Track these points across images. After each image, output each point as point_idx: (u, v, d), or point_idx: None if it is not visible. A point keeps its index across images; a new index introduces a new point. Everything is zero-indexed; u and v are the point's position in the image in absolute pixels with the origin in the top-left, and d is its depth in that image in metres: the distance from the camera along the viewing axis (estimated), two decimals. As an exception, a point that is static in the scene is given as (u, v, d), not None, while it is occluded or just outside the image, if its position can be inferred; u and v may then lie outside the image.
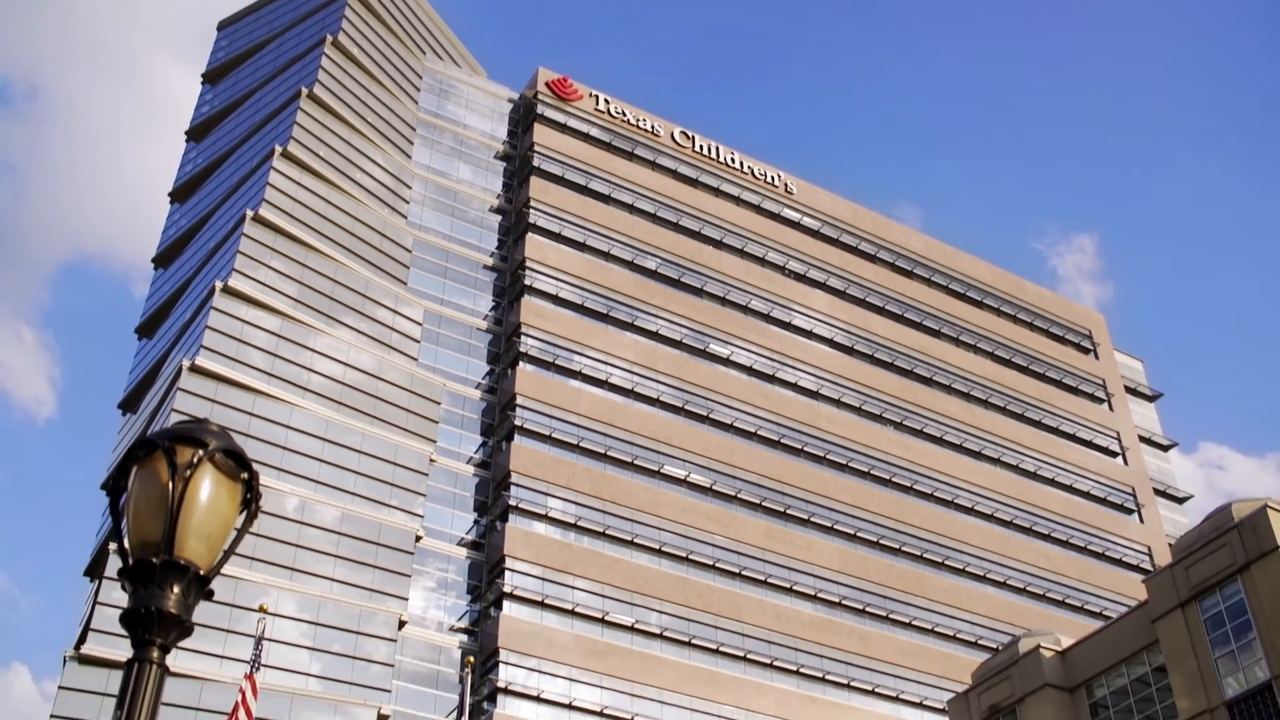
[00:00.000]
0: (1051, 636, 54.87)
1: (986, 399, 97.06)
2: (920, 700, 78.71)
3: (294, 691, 61.54)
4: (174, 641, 6.02)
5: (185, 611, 6.03)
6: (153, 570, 5.93)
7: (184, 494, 5.94)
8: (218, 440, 6.10)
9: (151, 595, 5.94)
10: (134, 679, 5.84)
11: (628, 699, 69.44)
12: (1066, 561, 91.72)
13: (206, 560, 6.15)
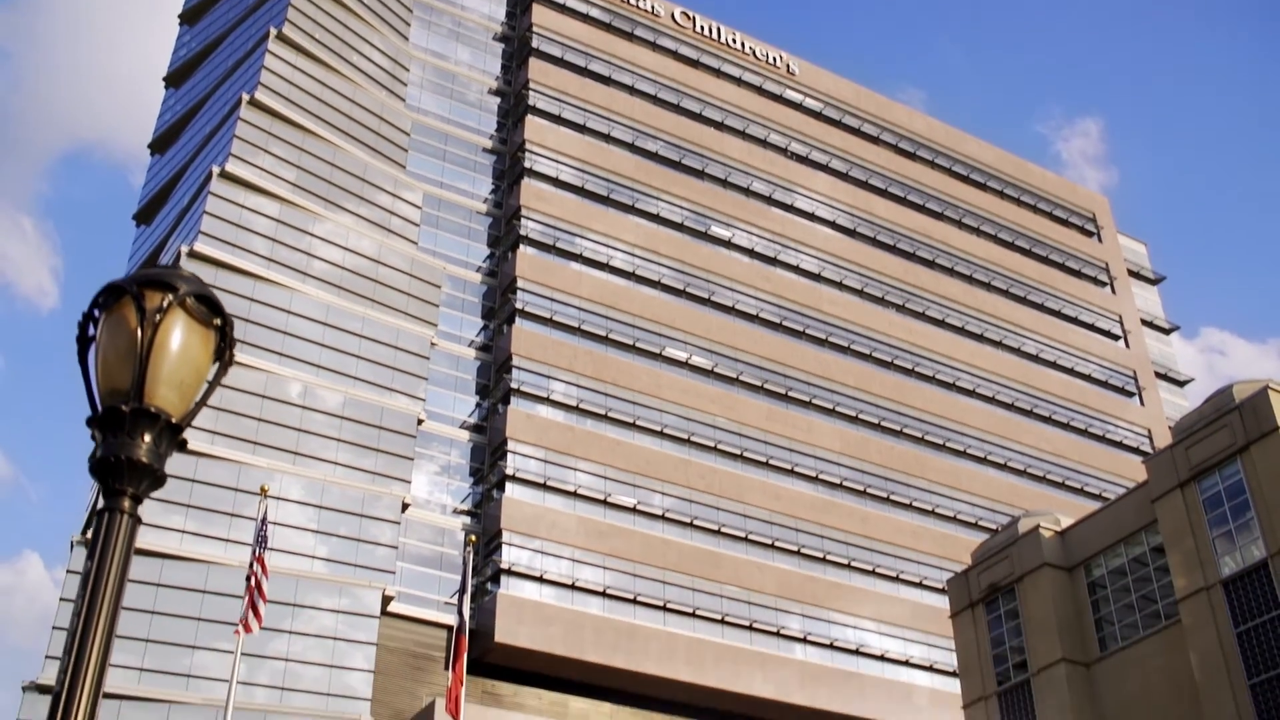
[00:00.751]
0: (1051, 517, 55.19)
1: (989, 282, 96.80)
2: (920, 580, 79.45)
3: (300, 574, 62.10)
4: (146, 491, 5.88)
5: (157, 460, 5.87)
6: (122, 418, 5.74)
7: (153, 340, 5.73)
8: (188, 285, 5.87)
9: (121, 444, 5.76)
10: (105, 529, 5.70)
11: (630, 579, 70.11)
12: (1067, 444, 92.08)
13: (179, 409, 5.97)
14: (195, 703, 56.42)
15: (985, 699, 52.55)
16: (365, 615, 62.47)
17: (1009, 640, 52.72)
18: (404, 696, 63.94)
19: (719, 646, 70.42)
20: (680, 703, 69.82)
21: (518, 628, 65.33)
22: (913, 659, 76.53)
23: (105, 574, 5.58)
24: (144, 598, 59.30)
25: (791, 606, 74.19)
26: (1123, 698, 48.34)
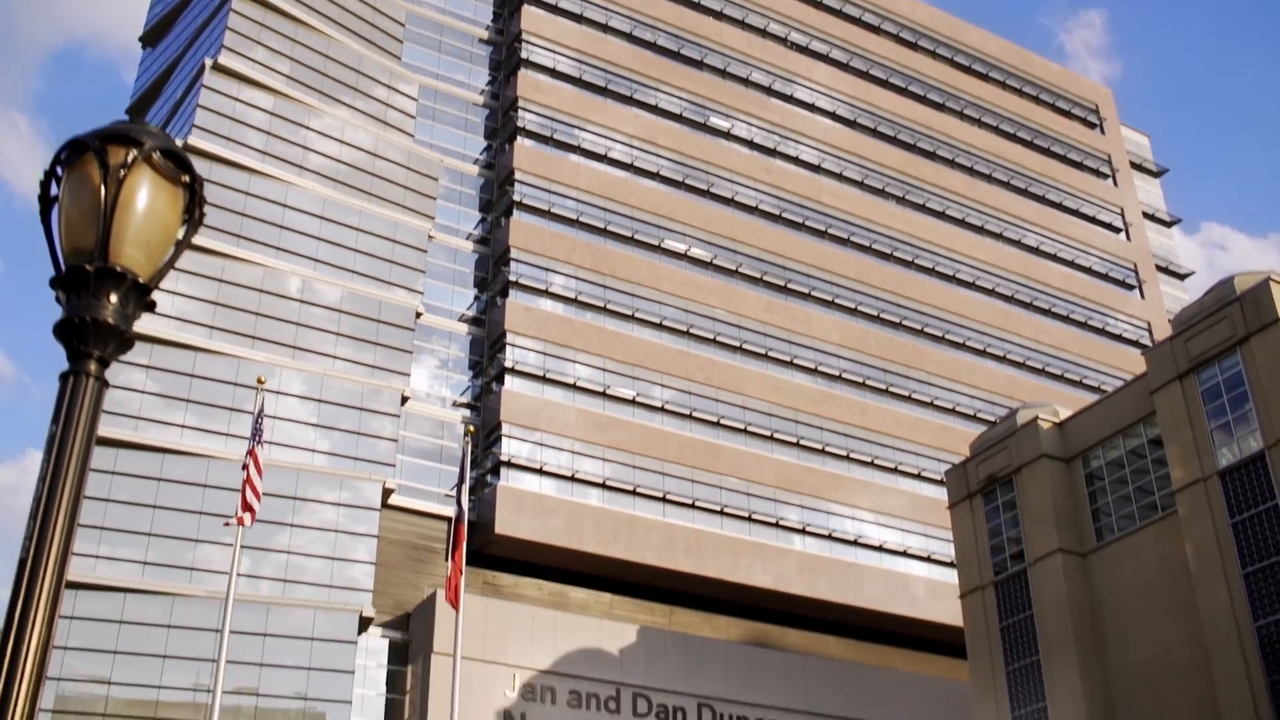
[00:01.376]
0: (1049, 409, 55.29)
1: (990, 174, 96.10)
2: (919, 472, 79.77)
3: (300, 467, 62.31)
4: (113, 354, 5.67)
5: (124, 322, 5.64)
6: (86, 278, 5.50)
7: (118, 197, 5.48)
8: (155, 140, 5.60)
9: (86, 304, 5.52)
10: (70, 392, 5.49)
11: (629, 471, 70.37)
12: (1066, 336, 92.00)
13: (146, 269, 5.74)
14: (199, 595, 56.86)
15: (982, 589, 53.00)
16: (366, 508, 62.79)
17: (1006, 531, 53.06)
18: (405, 588, 64.49)
19: (718, 537, 70.85)
20: (679, 593, 70.44)
21: (518, 519, 65.68)
22: (910, 550, 77.06)
23: (71, 439, 5.40)
24: (145, 492, 59.54)
25: (790, 498, 74.57)
26: (1118, 587, 48.74)
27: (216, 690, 26.07)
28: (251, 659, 57.55)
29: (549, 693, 62.63)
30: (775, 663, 69.35)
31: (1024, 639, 50.40)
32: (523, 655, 62.52)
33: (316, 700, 58.34)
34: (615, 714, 63.81)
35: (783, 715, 67.86)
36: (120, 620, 57.13)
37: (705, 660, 67.16)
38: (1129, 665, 47.41)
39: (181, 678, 55.58)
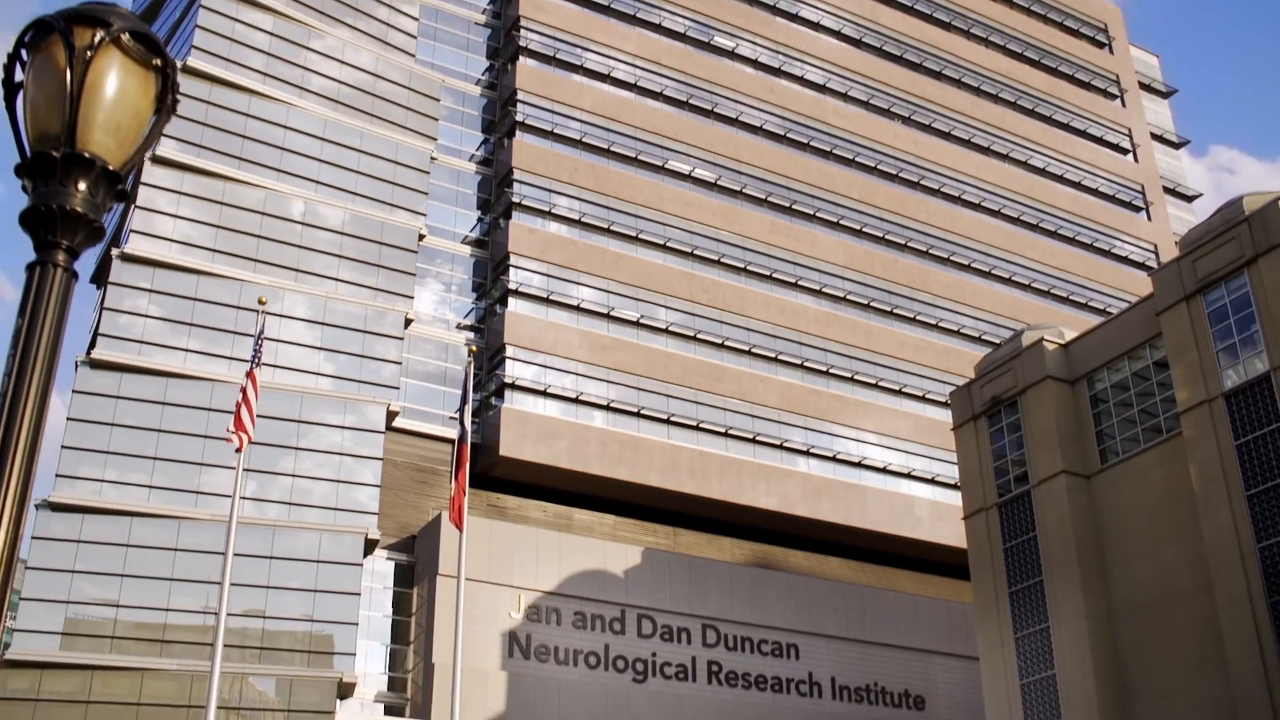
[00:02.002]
0: (1055, 330, 55.07)
1: (997, 94, 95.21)
2: (923, 394, 79.72)
3: (305, 391, 62.27)
4: (82, 245, 5.45)
5: (93, 210, 5.41)
6: (53, 164, 5.27)
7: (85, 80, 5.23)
8: (124, 21, 5.32)
9: (53, 192, 5.28)
10: (37, 284, 5.28)
11: (634, 393, 70.33)
12: (1072, 258, 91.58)
13: (116, 155, 5.50)
14: (205, 518, 57.03)
15: (986, 510, 53.08)
16: (370, 431, 62.82)
17: (1010, 452, 53.05)
18: (410, 510, 64.69)
19: (722, 459, 70.94)
20: (683, 514, 70.66)
21: (522, 442, 65.74)
22: (915, 472, 77.18)
23: (38, 333, 5.20)
24: (150, 416, 59.56)
25: (794, 420, 74.58)
26: (1121, 509, 48.77)
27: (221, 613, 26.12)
28: (258, 581, 57.84)
29: (554, 614, 63.00)
30: (779, 584, 69.69)
31: (1027, 560, 50.53)
32: (527, 577, 62.82)
33: (323, 622, 58.70)
34: (620, 635, 64.22)
35: (786, 636, 68.28)
36: (127, 544, 57.34)
37: (709, 581, 67.49)
38: (1131, 587, 47.55)
39: (189, 600, 55.88)
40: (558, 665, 62.26)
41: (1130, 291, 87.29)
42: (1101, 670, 46.68)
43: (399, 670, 61.90)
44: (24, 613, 57.31)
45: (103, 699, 55.10)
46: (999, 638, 50.62)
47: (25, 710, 54.75)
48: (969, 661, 66.20)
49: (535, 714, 60.49)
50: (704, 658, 65.94)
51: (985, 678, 51.59)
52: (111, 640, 56.29)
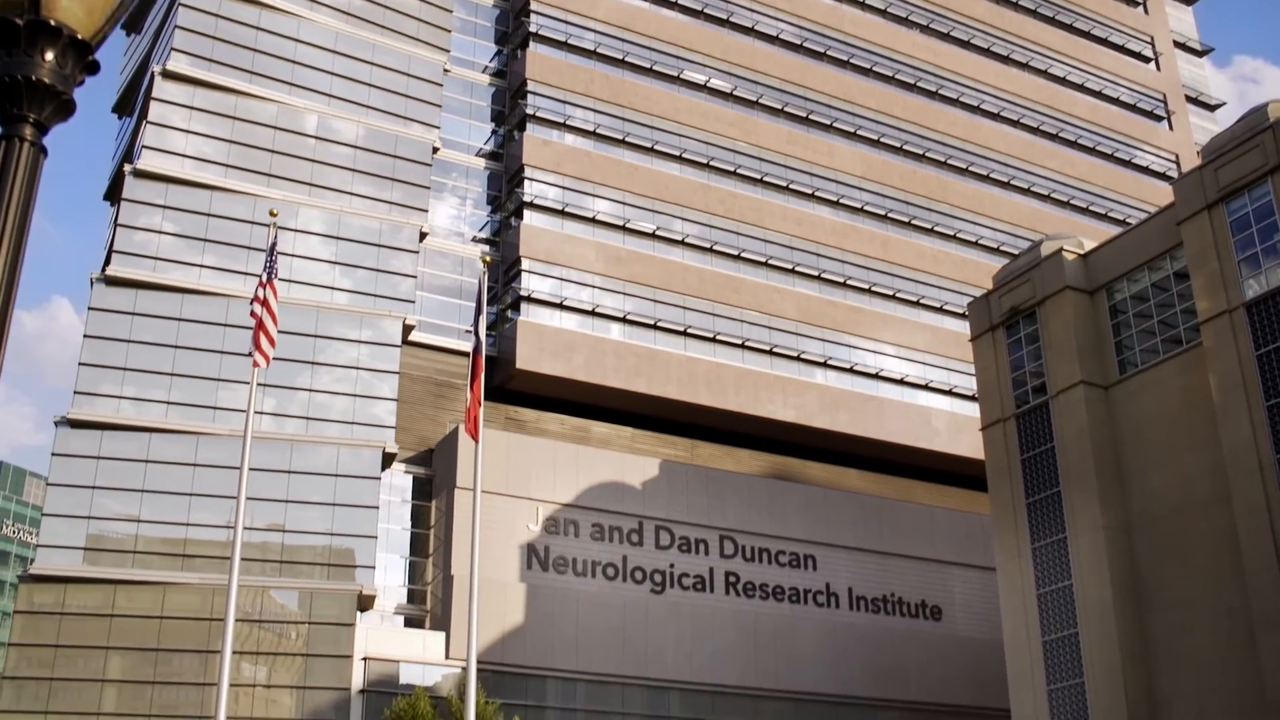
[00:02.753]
0: (1074, 240, 54.62)
1: (1016, 1, 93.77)
2: (941, 305, 79.37)
3: (320, 305, 62.22)
4: (50, 119, 5.20)
5: (62, 82, 5.15)
6: (17, 32, 5.01)
7: (49, -59, 5.03)
8: None
9: (18, 62, 5.01)
10: (2, 159, 5.06)
11: (650, 305, 70.14)
12: (1092, 169, 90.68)
13: (85, 24, 5.21)
14: (223, 434, 57.23)
15: (1004, 421, 52.99)
16: (387, 345, 62.84)
17: (1028, 363, 52.84)
18: (428, 424, 64.85)
19: (739, 371, 70.88)
20: (701, 426, 70.72)
21: (539, 354, 65.72)
22: (932, 383, 77.04)
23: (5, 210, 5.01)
24: (166, 332, 59.62)
25: (812, 331, 74.37)
26: (1140, 420, 48.62)
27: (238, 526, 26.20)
28: (277, 496, 58.17)
29: (571, 526, 63.32)
30: (796, 495, 69.89)
31: (1045, 471, 50.51)
32: (545, 489, 63.08)
33: (342, 535, 59.09)
34: (637, 546, 64.55)
35: (804, 547, 68.59)
36: (147, 460, 57.67)
37: (727, 493, 67.71)
38: (1149, 498, 47.53)
39: (209, 515, 56.25)
40: (576, 577, 62.67)
41: (1150, 202, 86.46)
42: (1118, 581, 46.80)
43: (418, 583, 62.39)
44: (47, 529, 57.81)
45: (126, 613, 55.69)
46: (1016, 548, 50.74)
47: (51, 624, 55.38)
48: (986, 572, 66.46)
49: (554, 625, 60.99)
50: (722, 569, 66.31)
51: (1002, 588, 51.79)
52: (133, 555, 56.76)
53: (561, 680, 61.15)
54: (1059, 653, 48.02)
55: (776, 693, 65.04)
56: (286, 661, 56.83)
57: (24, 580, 57.52)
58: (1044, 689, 48.15)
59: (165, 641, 55.05)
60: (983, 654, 67.14)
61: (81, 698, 54.53)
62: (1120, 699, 45.17)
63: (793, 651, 66.17)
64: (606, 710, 61.69)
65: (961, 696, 68.66)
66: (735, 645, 64.95)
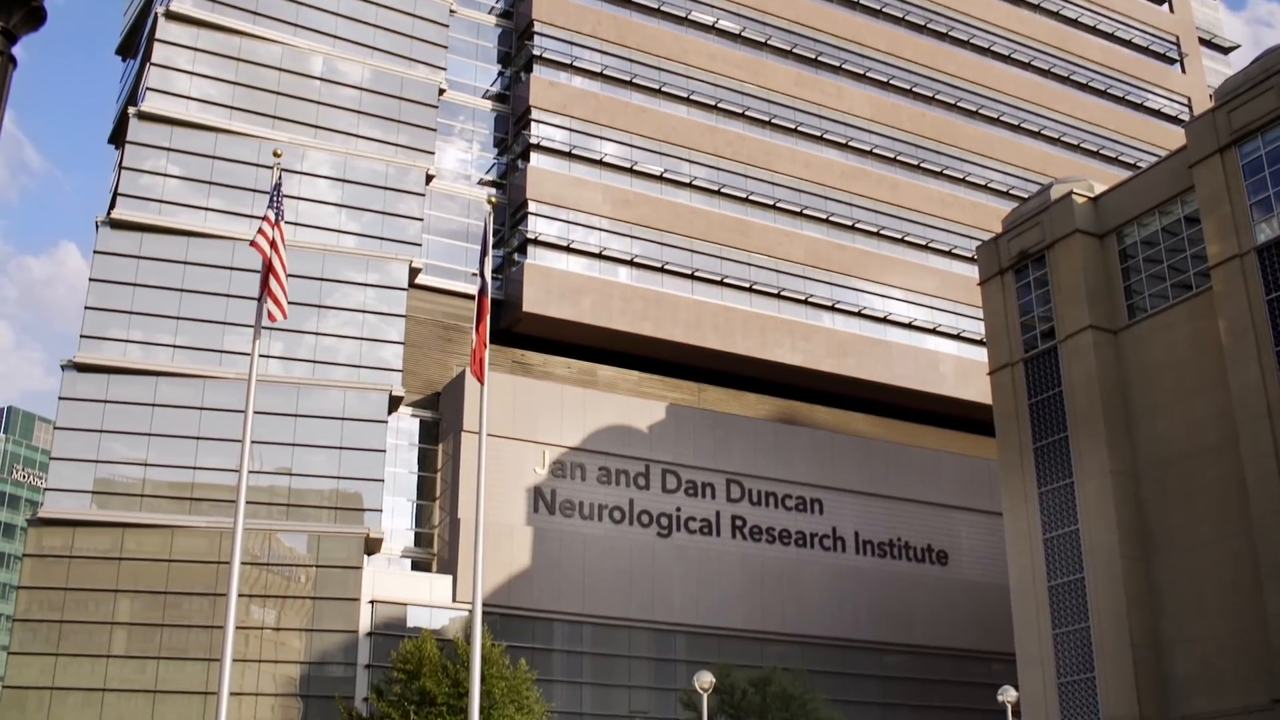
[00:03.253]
0: (1084, 183, 54.22)
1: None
2: (950, 249, 79.04)
3: (326, 248, 62.02)
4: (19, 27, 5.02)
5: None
6: None
7: None
8: None
9: None
10: None
11: (657, 248, 69.87)
12: (1104, 112, 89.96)
13: None
14: (229, 377, 57.21)
15: (1012, 366, 52.81)
16: (394, 288, 62.69)
17: (1037, 308, 52.60)
18: (435, 367, 64.80)
19: (747, 314, 70.70)
20: (708, 370, 70.63)
21: (545, 297, 65.56)
22: (940, 327, 76.84)
23: None
24: (172, 276, 59.49)
25: (820, 275, 74.11)
26: (1148, 365, 48.43)
27: (243, 469, 26.11)
28: (284, 440, 58.22)
29: (578, 469, 63.38)
30: (803, 439, 69.90)
31: (1052, 416, 50.39)
32: (552, 433, 63.10)
33: (349, 479, 59.17)
34: (644, 490, 64.65)
35: (811, 491, 68.67)
36: (154, 404, 57.69)
37: (734, 437, 67.72)
38: (1157, 443, 47.41)
39: (217, 459, 56.28)
40: (583, 520, 62.81)
41: (1162, 146, 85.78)
42: (1125, 525, 46.79)
43: (425, 526, 62.55)
44: (54, 472, 57.91)
45: (134, 556, 55.93)
46: (1023, 493, 50.71)
47: (60, 567, 55.60)
48: (992, 517, 66.52)
49: (560, 568, 61.18)
50: (728, 513, 66.43)
51: (1008, 533, 51.81)
52: (141, 499, 56.91)
53: (568, 623, 61.42)
54: (1064, 597, 48.08)
55: (783, 636, 65.31)
56: (294, 604, 57.08)
57: (33, 524, 57.68)
58: (1049, 633, 48.26)
59: (174, 584, 55.30)
60: (988, 598, 67.31)
61: (92, 640, 54.84)
62: (1125, 643, 45.27)
63: (799, 595, 66.40)
64: (613, 653, 61.99)
65: (967, 640, 68.93)
66: (742, 588, 65.18)
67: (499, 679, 48.13)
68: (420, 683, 47.39)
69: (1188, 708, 44.31)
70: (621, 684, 61.68)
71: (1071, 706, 46.94)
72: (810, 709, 54.53)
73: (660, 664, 62.64)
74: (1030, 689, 48.53)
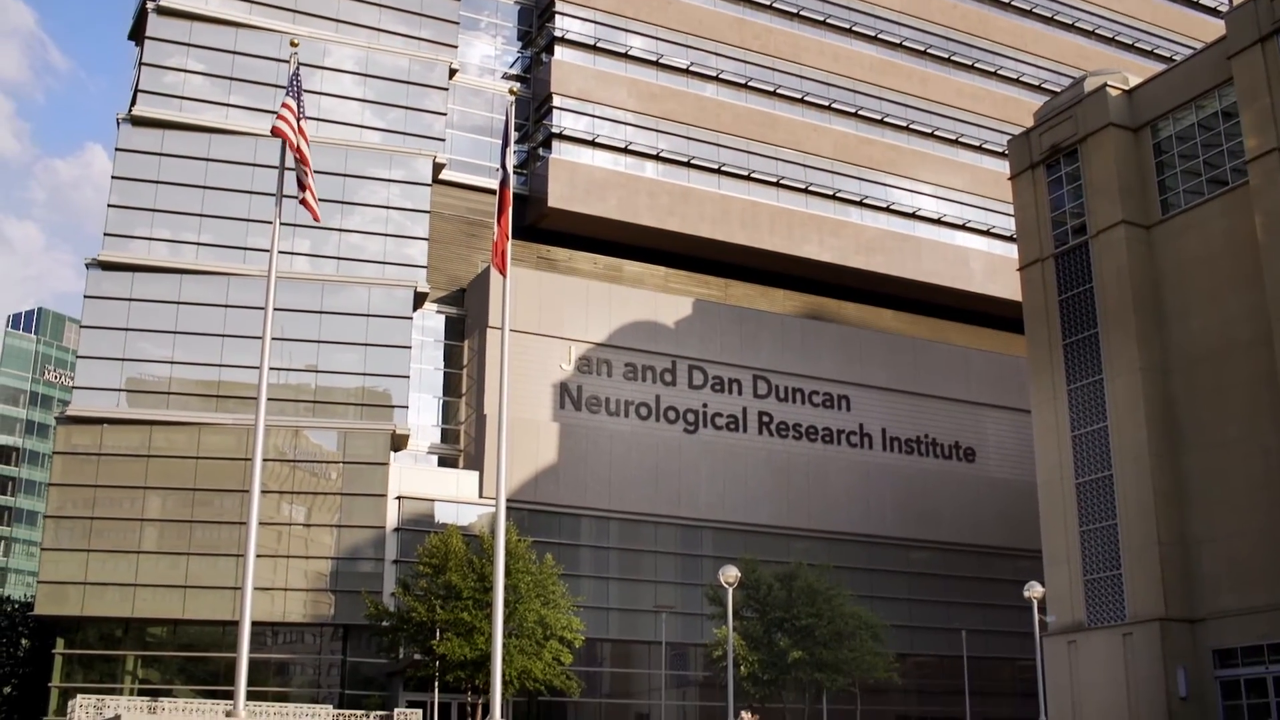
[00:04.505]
0: (1119, 75, 53.11)
1: None
2: (980, 144, 77.99)
3: (350, 145, 61.51)
4: None
5: None
6: None
7: None
8: None
9: None
10: None
11: (684, 143, 69.11)
12: (1139, 3, 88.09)
13: None
14: (253, 274, 57.02)
15: (1042, 261, 52.15)
16: (419, 184, 62.23)
17: (1068, 202, 51.81)
18: (460, 264, 64.54)
19: (774, 210, 70.05)
20: (735, 265, 70.18)
21: (571, 193, 65.04)
22: (970, 223, 76.05)
23: None
24: (194, 173, 59.17)
25: (848, 170, 73.28)
26: (1181, 261, 47.72)
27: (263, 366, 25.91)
28: (309, 337, 58.18)
29: (604, 365, 63.27)
30: (830, 335, 69.57)
31: (1083, 312, 49.82)
32: (578, 329, 62.91)
33: (375, 376, 59.20)
34: (670, 386, 64.53)
35: (838, 387, 68.46)
36: (179, 301, 57.67)
37: (761, 332, 67.44)
38: (1188, 339, 46.85)
39: (242, 357, 56.30)
40: (609, 416, 62.80)
41: (1199, 38, 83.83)
42: (1154, 422, 46.39)
43: (452, 423, 62.68)
44: (82, 371, 58.11)
45: (163, 453, 56.23)
46: (1052, 390, 50.31)
47: (90, 465, 55.97)
48: (1020, 414, 66.24)
49: (587, 464, 61.30)
50: (755, 409, 66.33)
51: (1036, 430, 51.49)
52: (169, 396, 57.11)
53: (595, 519, 61.70)
54: (1092, 494, 47.89)
55: (808, 532, 65.50)
56: (324, 501, 57.42)
57: (62, 422, 57.99)
58: (1076, 530, 48.12)
59: (202, 482, 55.63)
60: (1015, 496, 67.27)
61: (123, 536, 55.38)
62: (1152, 541, 45.10)
63: (825, 491, 66.47)
64: (639, 548, 62.31)
65: (993, 538, 69.03)
66: (768, 484, 65.27)
67: (524, 573, 48.50)
68: (446, 577, 47.79)
69: (1214, 605, 44.22)
70: (648, 579, 62.06)
71: (1097, 603, 46.94)
72: (836, 604, 54.81)
73: (686, 559, 62.98)
74: (1056, 585, 48.50)
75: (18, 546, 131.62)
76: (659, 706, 59.18)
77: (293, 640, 58.00)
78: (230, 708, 24.36)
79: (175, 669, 56.33)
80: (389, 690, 55.78)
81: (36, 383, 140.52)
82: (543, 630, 48.33)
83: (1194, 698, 43.41)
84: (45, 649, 59.43)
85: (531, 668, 47.41)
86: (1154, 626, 44.33)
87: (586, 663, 57.81)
